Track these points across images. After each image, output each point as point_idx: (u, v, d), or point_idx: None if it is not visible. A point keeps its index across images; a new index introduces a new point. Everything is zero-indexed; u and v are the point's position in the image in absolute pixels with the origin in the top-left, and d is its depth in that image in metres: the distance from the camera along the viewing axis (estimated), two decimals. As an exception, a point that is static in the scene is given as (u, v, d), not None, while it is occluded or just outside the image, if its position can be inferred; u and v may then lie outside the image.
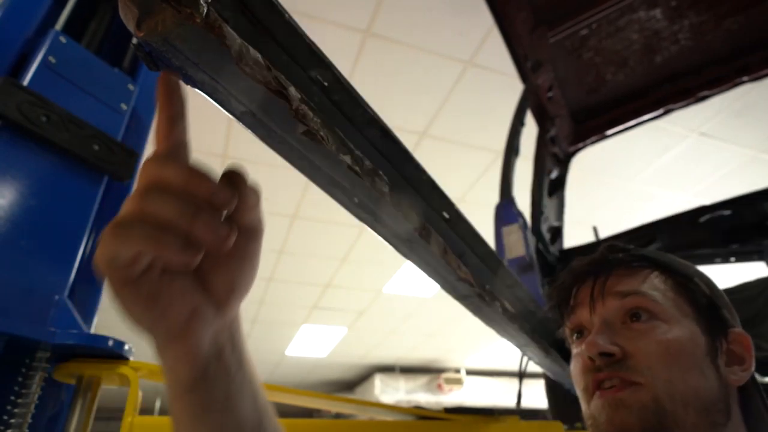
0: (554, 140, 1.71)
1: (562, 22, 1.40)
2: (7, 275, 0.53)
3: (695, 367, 0.46)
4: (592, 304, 0.51)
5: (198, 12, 0.32)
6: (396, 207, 0.50)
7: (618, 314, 0.49)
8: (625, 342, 0.47)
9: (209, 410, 0.32)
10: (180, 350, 0.30)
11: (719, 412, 0.45)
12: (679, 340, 0.46)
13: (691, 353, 0.46)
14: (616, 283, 0.50)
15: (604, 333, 0.47)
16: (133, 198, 0.26)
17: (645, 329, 0.47)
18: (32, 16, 0.66)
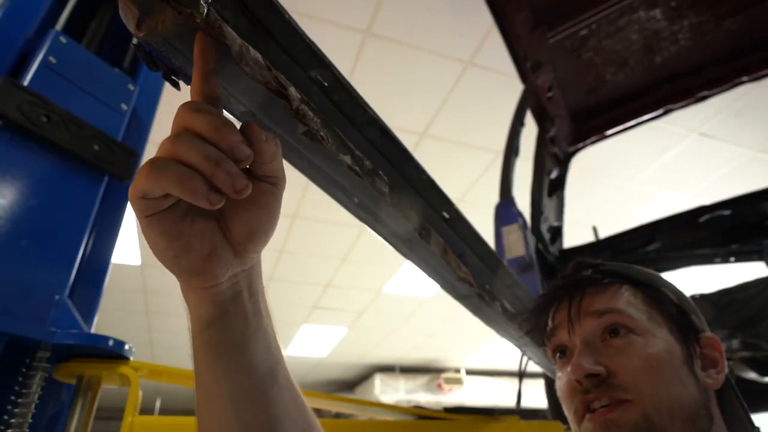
0: (554, 140, 1.71)
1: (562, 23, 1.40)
2: (7, 275, 0.54)
3: (675, 378, 0.47)
4: (571, 326, 0.52)
5: (198, 12, 0.32)
6: (396, 207, 0.50)
7: (597, 332, 0.51)
8: (607, 360, 0.48)
9: (224, 349, 0.34)
10: (199, 286, 0.33)
11: (703, 419, 0.46)
12: (659, 353, 0.48)
13: (670, 364, 0.47)
14: (591, 303, 0.52)
15: (586, 353, 0.49)
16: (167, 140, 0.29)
17: (624, 345, 0.48)
18: (33, 17, 0.66)
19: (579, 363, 0.47)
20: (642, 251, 1.56)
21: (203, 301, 0.34)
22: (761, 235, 1.30)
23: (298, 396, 0.40)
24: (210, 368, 0.35)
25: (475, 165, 2.97)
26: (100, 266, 0.67)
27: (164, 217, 0.29)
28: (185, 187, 0.27)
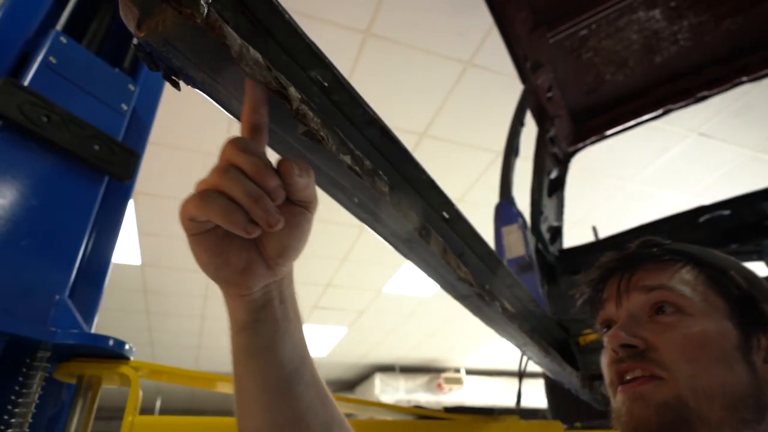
0: (554, 140, 1.71)
1: (562, 23, 1.40)
2: (8, 275, 0.54)
3: (722, 361, 0.44)
4: (619, 299, 0.51)
5: (198, 12, 0.32)
6: (396, 207, 0.50)
7: (643, 308, 0.49)
8: (649, 335, 0.46)
9: (256, 349, 0.39)
10: (235, 294, 0.38)
11: (749, 409, 0.43)
12: (705, 333, 0.45)
13: (718, 346, 0.45)
14: (643, 278, 0.51)
15: (627, 325, 0.48)
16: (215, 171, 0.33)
17: (670, 322, 0.47)
18: (33, 17, 0.66)
19: (616, 332, 0.47)
20: (642, 251, 1.56)
21: (239, 308, 0.38)
22: (761, 235, 1.30)
23: (323, 393, 0.44)
24: (244, 366, 0.40)
25: (475, 165, 2.97)
26: (101, 266, 0.67)
27: (207, 236, 0.35)
28: (228, 219, 0.32)
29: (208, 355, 6.09)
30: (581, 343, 1.18)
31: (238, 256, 0.36)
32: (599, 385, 1.16)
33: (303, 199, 0.37)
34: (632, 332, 0.47)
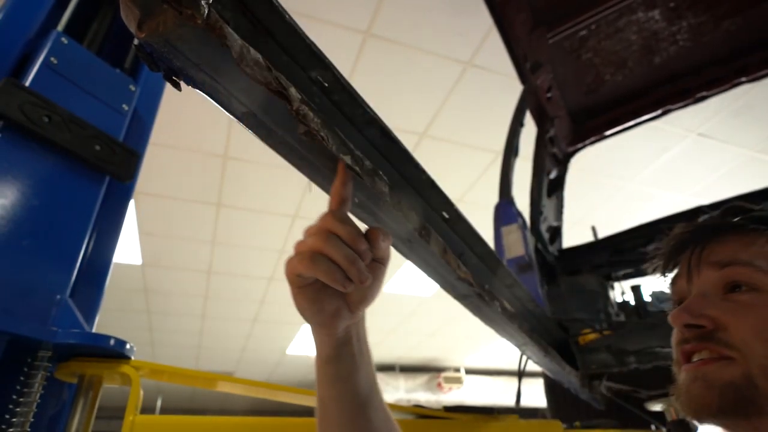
0: (553, 140, 1.71)
1: (562, 23, 1.41)
2: (9, 275, 0.54)
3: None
4: (689, 275, 0.48)
5: (199, 13, 0.32)
6: (396, 207, 0.50)
7: (716, 285, 0.46)
8: (719, 314, 0.43)
9: (338, 378, 0.47)
10: (324, 334, 0.46)
11: None
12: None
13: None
14: (716, 252, 0.47)
15: (694, 304, 0.45)
16: (318, 237, 0.40)
17: (744, 301, 0.43)
18: (34, 17, 0.66)
19: (680, 313, 0.44)
20: (641, 251, 1.57)
21: (326, 344, 0.47)
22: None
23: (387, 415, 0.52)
24: (327, 392, 0.48)
25: (475, 165, 2.97)
26: (102, 266, 0.67)
27: (309, 288, 0.42)
28: (330, 277, 0.39)
29: (208, 355, 6.09)
30: (581, 343, 1.18)
31: (330, 303, 0.44)
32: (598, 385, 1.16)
33: (382, 257, 0.44)
34: (699, 312, 0.44)
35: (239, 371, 6.70)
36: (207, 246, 3.62)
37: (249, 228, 3.42)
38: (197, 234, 3.48)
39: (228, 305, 4.65)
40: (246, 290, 4.33)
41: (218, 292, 4.35)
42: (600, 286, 1.57)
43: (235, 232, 3.46)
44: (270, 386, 0.65)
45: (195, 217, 3.28)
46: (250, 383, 0.63)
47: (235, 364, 6.42)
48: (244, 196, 3.10)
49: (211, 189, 3.02)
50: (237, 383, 0.63)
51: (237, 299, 4.52)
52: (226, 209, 3.23)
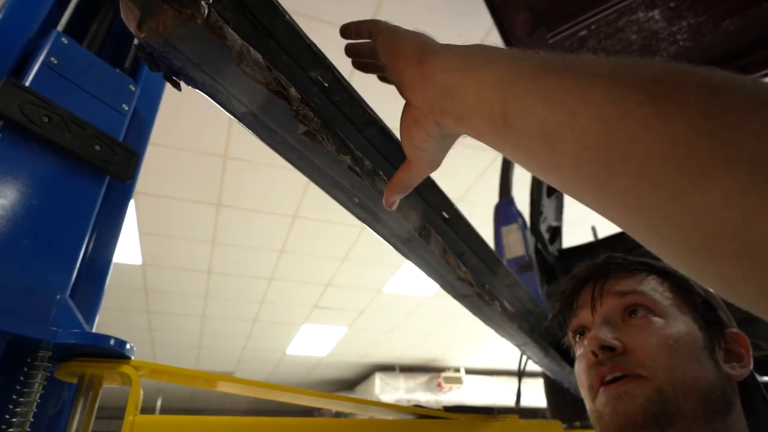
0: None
1: (561, 24, 1.41)
2: (9, 275, 0.54)
3: (693, 359, 0.47)
4: (593, 304, 0.53)
5: (199, 13, 0.32)
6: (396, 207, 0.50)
7: (617, 311, 0.51)
8: (625, 337, 0.48)
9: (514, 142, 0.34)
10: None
11: (718, 401, 0.46)
12: (678, 334, 0.48)
13: (689, 346, 0.48)
14: (615, 284, 0.53)
15: (604, 327, 0.49)
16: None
17: (643, 324, 0.49)
18: (34, 17, 0.66)
19: (595, 335, 0.48)
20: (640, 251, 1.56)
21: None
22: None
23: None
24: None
25: (475, 165, 2.97)
26: (102, 266, 0.67)
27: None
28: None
29: (208, 355, 6.09)
30: (581, 343, 1.18)
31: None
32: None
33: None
34: (612, 335, 0.48)
35: (239, 371, 6.71)
36: (207, 246, 3.62)
37: (249, 228, 3.42)
38: (197, 234, 3.48)
39: (228, 305, 4.65)
40: (246, 290, 4.33)
41: (218, 291, 4.36)
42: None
43: (235, 232, 3.46)
44: (270, 386, 0.65)
45: (195, 217, 3.28)
46: (250, 383, 0.63)
47: (235, 363, 6.43)
48: (244, 196, 3.10)
49: (211, 189, 3.02)
50: (237, 383, 0.63)
51: (237, 299, 4.53)
52: (226, 209, 3.23)
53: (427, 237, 0.57)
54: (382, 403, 0.82)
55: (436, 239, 0.59)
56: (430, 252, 0.59)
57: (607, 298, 0.52)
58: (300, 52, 0.38)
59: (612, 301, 0.52)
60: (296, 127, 0.39)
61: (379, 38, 0.39)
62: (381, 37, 0.38)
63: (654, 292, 0.52)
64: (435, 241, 0.59)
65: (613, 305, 0.52)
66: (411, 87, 0.34)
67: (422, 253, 0.61)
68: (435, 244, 0.59)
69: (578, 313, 0.55)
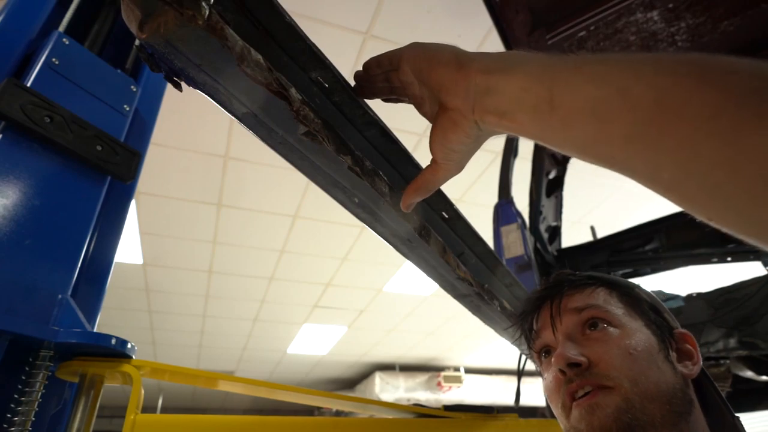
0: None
1: (561, 24, 1.41)
2: (10, 274, 0.54)
3: (653, 364, 0.49)
4: (553, 324, 0.55)
5: (200, 14, 0.32)
6: (396, 207, 0.50)
7: (577, 327, 0.54)
8: (588, 352, 0.51)
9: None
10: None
11: (681, 402, 0.49)
12: (636, 342, 0.51)
13: (648, 352, 0.50)
14: (570, 301, 0.56)
15: (568, 345, 0.51)
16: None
17: (603, 336, 0.51)
18: (35, 18, 0.66)
19: (561, 353, 0.50)
20: (639, 251, 1.57)
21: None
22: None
23: None
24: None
25: (475, 165, 2.97)
26: (103, 265, 0.68)
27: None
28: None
29: (209, 354, 6.09)
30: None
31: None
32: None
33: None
34: (577, 351, 0.51)
35: (240, 370, 6.71)
36: (208, 245, 3.62)
37: (249, 228, 3.42)
38: (198, 234, 3.48)
39: (229, 304, 4.65)
40: (246, 290, 4.33)
41: (219, 291, 4.36)
42: (599, 286, 1.57)
43: (235, 231, 3.46)
44: (270, 385, 0.65)
45: (196, 216, 3.28)
46: (251, 382, 0.63)
47: (236, 363, 6.43)
48: (244, 196, 3.10)
49: (211, 189, 3.02)
50: (238, 382, 0.63)
51: (238, 299, 4.53)
52: (227, 209, 3.23)
53: (426, 237, 0.57)
54: (382, 402, 0.82)
55: (435, 239, 0.59)
56: (429, 252, 0.60)
57: (566, 316, 0.55)
58: (300, 53, 0.38)
59: (570, 318, 0.54)
60: (296, 128, 0.40)
61: (406, 54, 0.40)
62: (409, 51, 0.40)
63: (607, 303, 0.54)
64: (435, 241, 0.59)
65: (572, 322, 0.54)
66: (451, 91, 0.36)
67: (422, 253, 0.61)
68: (435, 243, 0.59)
69: (541, 333, 0.57)
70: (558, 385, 0.51)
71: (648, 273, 1.57)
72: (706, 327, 1.19)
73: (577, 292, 0.56)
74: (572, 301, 0.55)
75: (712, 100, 0.21)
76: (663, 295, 1.41)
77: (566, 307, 0.55)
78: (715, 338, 1.17)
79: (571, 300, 0.56)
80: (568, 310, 0.55)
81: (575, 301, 0.55)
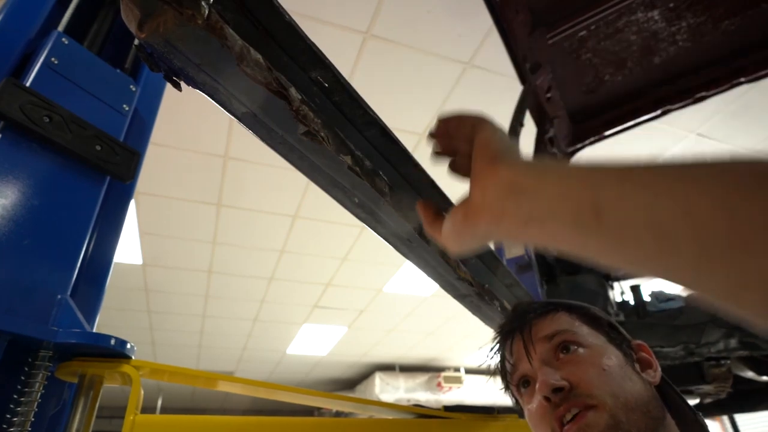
0: (553, 141, 1.71)
1: (561, 24, 1.41)
2: (10, 275, 0.54)
3: (626, 377, 0.52)
4: (528, 353, 0.57)
5: (199, 14, 0.32)
6: (396, 207, 0.50)
7: (551, 353, 0.56)
8: (567, 375, 0.52)
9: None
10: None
11: (655, 409, 0.51)
12: (607, 359, 0.53)
13: (619, 367, 0.52)
14: (538, 330, 0.57)
15: (548, 371, 0.53)
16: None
17: (576, 358, 0.53)
18: (35, 18, 0.66)
19: (545, 380, 0.52)
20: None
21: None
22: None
23: None
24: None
25: (475, 165, 2.97)
26: (102, 266, 0.68)
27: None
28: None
29: (208, 354, 6.09)
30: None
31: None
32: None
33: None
34: (557, 376, 0.52)
35: (239, 371, 6.71)
36: (207, 246, 3.62)
37: (249, 228, 3.42)
38: (198, 234, 3.48)
39: (228, 305, 4.65)
40: (246, 290, 4.33)
41: (219, 291, 4.36)
42: (599, 286, 1.58)
43: (235, 231, 3.46)
44: (270, 386, 0.65)
45: (195, 216, 3.28)
46: (251, 383, 0.63)
47: (236, 363, 6.43)
48: (244, 196, 3.10)
49: (211, 189, 3.02)
50: (237, 383, 0.63)
51: (237, 299, 4.53)
52: (227, 209, 3.23)
53: (426, 237, 0.57)
54: (382, 403, 0.82)
55: (435, 239, 0.59)
56: (429, 252, 0.60)
57: (538, 344, 0.56)
58: (300, 53, 0.38)
59: (543, 346, 0.56)
60: (296, 128, 0.39)
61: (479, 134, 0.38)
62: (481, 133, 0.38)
63: (572, 326, 0.56)
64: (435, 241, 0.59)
65: (545, 349, 0.56)
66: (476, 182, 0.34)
67: (422, 253, 0.61)
68: (435, 243, 0.59)
69: (518, 366, 0.58)
70: (544, 412, 0.52)
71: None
72: (707, 327, 1.19)
73: (541, 319, 0.58)
74: (540, 330, 0.57)
75: None
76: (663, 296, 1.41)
77: (536, 335, 0.57)
78: (716, 338, 1.17)
79: (538, 328, 0.57)
80: (539, 339, 0.57)
81: (543, 329, 0.57)
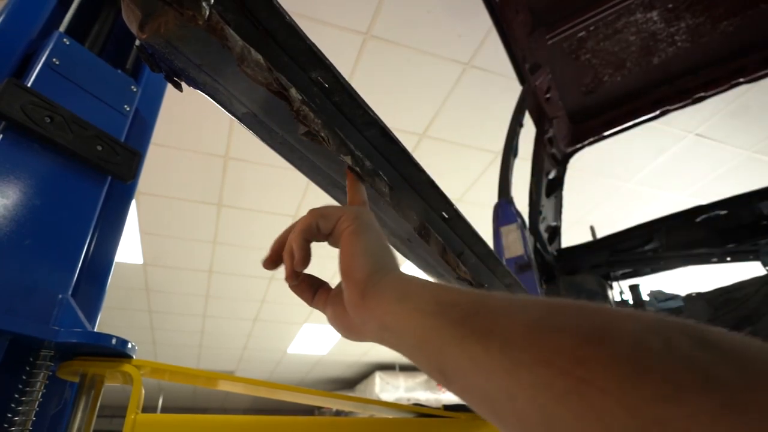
0: (552, 141, 1.72)
1: (561, 25, 1.41)
2: (11, 274, 0.54)
3: None
4: None
5: (200, 14, 0.32)
6: (396, 207, 0.51)
7: None
8: None
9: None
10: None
11: None
12: None
13: None
14: None
15: None
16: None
17: None
18: (36, 18, 0.67)
19: None
20: (639, 251, 1.57)
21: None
22: (757, 235, 1.31)
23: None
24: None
25: (474, 165, 2.97)
26: (104, 265, 0.68)
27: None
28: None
29: (209, 354, 6.09)
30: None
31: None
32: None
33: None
34: None
35: (240, 370, 6.70)
36: (208, 245, 3.62)
37: (250, 228, 3.42)
38: (198, 234, 3.48)
39: (229, 304, 4.65)
40: (247, 290, 4.33)
41: (219, 291, 4.36)
42: (599, 286, 1.58)
43: (235, 231, 3.46)
44: (271, 385, 0.65)
45: (196, 216, 3.28)
46: (251, 382, 0.63)
47: (236, 363, 6.42)
48: (244, 196, 3.10)
49: (212, 189, 3.02)
50: (238, 382, 0.63)
51: (238, 298, 4.53)
52: (227, 209, 3.23)
53: (426, 236, 0.57)
54: (382, 402, 0.82)
55: (435, 239, 0.59)
56: (429, 251, 0.60)
57: None
58: (300, 53, 0.38)
59: None
60: (296, 128, 0.40)
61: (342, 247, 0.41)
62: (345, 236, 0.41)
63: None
64: (434, 241, 0.59)
65: None
66: (353, 311, 0.38)
67: (422, 253, 0.61)
68: (434, 243, 0.59)
69: None
70: None
71: (648, 273, 1.57)
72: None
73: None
74: None
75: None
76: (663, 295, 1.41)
77: None
78: (715, 338, 1.17)
79: None
80: None
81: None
